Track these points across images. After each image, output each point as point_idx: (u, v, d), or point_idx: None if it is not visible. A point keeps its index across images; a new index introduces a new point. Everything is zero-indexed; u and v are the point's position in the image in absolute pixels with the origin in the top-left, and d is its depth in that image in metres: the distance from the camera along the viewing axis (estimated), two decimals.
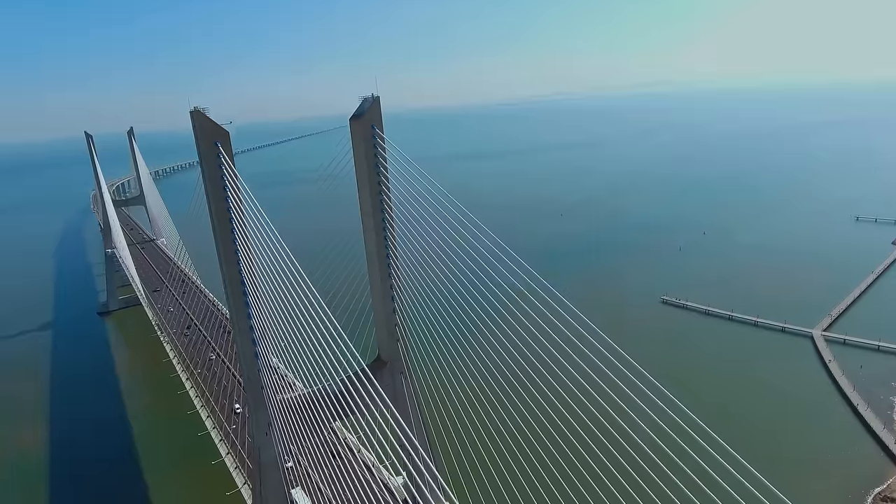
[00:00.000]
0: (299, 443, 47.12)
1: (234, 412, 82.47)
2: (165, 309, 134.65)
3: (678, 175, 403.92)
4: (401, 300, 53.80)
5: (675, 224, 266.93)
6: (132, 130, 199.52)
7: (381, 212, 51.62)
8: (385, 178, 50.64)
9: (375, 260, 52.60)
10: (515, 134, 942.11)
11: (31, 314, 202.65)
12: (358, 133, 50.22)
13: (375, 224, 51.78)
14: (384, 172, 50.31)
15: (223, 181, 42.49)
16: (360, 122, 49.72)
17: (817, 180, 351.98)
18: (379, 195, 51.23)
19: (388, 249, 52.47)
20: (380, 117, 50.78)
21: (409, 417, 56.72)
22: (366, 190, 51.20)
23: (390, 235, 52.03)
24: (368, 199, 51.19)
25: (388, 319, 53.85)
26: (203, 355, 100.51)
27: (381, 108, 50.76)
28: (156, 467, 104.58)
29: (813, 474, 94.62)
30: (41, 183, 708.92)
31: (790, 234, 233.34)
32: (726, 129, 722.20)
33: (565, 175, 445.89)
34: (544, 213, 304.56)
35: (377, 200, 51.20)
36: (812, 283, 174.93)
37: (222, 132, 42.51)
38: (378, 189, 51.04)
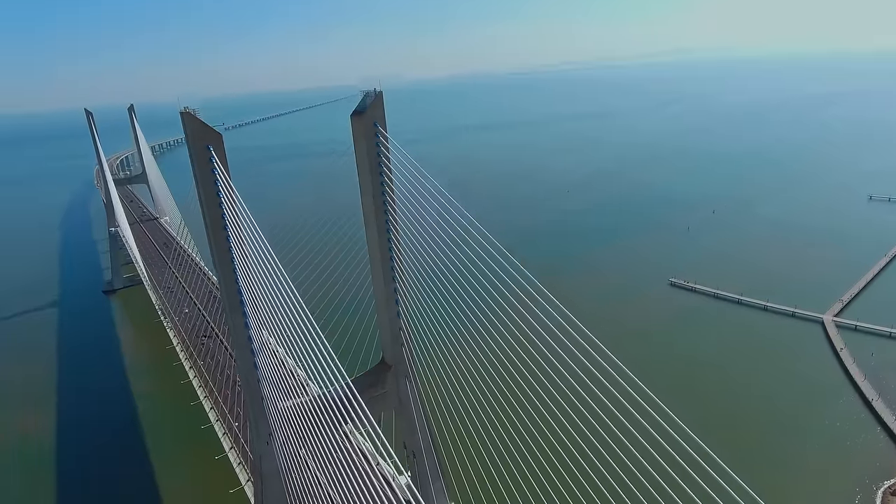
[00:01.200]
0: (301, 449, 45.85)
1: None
2: (168, 290, 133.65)
3: (690, 148, 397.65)
4: (405, 304, 51.91)
5: (686, 200, 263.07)
6: (133, 108, 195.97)
7: (385, 213, 49.31)
8: (388, 179, 48.22)
9: (379, 263, 50.53)
10: (528, 104, 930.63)
11: (36, 291, 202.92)
12: (359, 130, 47.60)
13: (378, 226, 49.55)
14: (387, 173, 47.86)
15: (216, 186, 40.23)
16: (362, 119, 47.05)
17: (828, 156, 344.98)
18: (382, 196, 48.85)
19: (391, 252, 50.36)
20: (383, 114, 48.06)
21: (415, 421, 55.46)
22: (368, 190, 48.79)
23: (394, 238, 49.84)
24: (371, 200, 48.82)
25: (392, 323, 52.08)
26: (207, 344, 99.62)
27: (383, 104, 48.03)
28: (161, 450, 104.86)
29: (821, 466, 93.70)
30: (45, 154, 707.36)
31: (801, 213, 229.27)
32: (735, 100, 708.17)
33: (576, 147, 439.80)
34: (552, 189, 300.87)
35: (380, 202, 48.84)
36: (823, 266, 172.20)
37: (214, 135, 40.09)
38: (381, 190, 48.65)
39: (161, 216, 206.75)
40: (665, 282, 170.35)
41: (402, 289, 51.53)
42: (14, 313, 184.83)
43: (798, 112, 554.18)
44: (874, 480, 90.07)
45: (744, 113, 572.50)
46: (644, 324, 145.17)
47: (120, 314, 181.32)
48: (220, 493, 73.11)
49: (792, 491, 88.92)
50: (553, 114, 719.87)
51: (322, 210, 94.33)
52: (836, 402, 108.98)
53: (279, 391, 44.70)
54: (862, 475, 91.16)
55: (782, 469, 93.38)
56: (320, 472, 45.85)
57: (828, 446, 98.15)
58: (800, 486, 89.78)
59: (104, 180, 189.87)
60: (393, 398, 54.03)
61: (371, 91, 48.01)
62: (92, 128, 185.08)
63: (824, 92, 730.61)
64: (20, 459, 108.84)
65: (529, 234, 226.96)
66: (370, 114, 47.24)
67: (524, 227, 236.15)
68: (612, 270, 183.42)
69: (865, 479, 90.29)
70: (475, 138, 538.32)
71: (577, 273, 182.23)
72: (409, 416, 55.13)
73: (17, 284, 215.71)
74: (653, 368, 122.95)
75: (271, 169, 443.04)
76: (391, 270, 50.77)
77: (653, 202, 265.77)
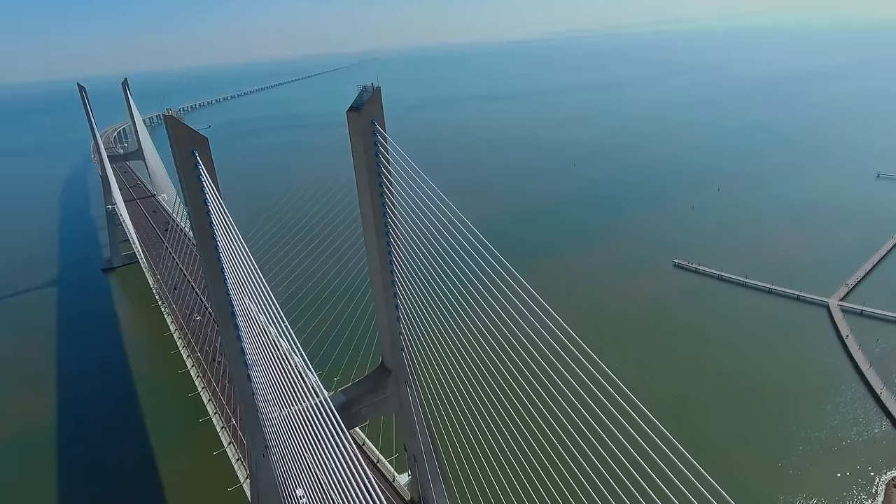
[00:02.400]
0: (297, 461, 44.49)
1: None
2: (165, 270, 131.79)
3: (697, 121, 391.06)
4: (405, 308, 49.96)
5: (692, 174, 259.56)
6: (126, 83, 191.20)
7: (384, 215, 46.97)
8: (387, 179, 45.72)
9: (377, 267, 48.41)
10: (533, 73, 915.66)
11: (35, 267, 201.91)
12: (356, 128, 44.90)
13: (377, 228, 47.25)
14: (386, 173, 45.33)
15: (204, 194, 37.79)
16: (359, 115, 44.29)
17: (838, 130, 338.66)
18: (380, 197, 46.42)
19: (391, 256, 48.18)
20: (381, 110, 45.28)
21: (415, 425, 54.13)
22: (365, 190, 46.35)
23: (394, 241, 47.60)
24: (368, 200, 46.42)
25: (391, 327, 50.24)
26: (204, 332, 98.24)
27: (382, 100, 45.21)
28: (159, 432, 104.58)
29: (822, 457, 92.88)
30: (41, 127, 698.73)
31: (808, 191, 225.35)
32: (744, 73, 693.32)
33: (586, 118, 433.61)
34: (556, 165, 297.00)
35: (378, 203, 46.43)
36: (829, 248, 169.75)
37: (200, 139, 37.46)
38: (379, 190, 46.19)
39: (158, 193, 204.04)
40: (669, 262, 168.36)
41: (401, 293, 49.53)
42: (13, 292, 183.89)
43: (807, 84, 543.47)
44: (878, 471, 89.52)
45: (753, 86, 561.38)
46: (647, 308, 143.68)
47: (119, 293, 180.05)
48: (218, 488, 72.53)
49: (793, 482, 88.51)
50: (561, 84, 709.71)
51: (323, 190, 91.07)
52: (840, 391, 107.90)
53: (273, 403, 43.08)
54: (865, 466, 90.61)
55: (783, 458, 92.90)
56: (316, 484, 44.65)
57: (830, 436, 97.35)
58: (799, 479, 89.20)
59: (99, 157, 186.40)
60: (393, 403, 52.58)
61: (368, 86, 45.20)
62: (85, 103, 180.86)
63: (832, 64, 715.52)
64: (20, 437, 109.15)
65: (534, 209, 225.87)
66: (368, 110, 44.48)
67: (529, 203, 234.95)
68: (615, 250, 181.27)
69: (869, 470, 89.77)
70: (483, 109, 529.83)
71: (579, 252, 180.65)
72: (410, 420, 53.80)
73: (15, 259, 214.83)
74: (655, 356, 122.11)
75: (271, 140, 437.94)
76: (391, 274, 48.68)
77: (659, 177, 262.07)
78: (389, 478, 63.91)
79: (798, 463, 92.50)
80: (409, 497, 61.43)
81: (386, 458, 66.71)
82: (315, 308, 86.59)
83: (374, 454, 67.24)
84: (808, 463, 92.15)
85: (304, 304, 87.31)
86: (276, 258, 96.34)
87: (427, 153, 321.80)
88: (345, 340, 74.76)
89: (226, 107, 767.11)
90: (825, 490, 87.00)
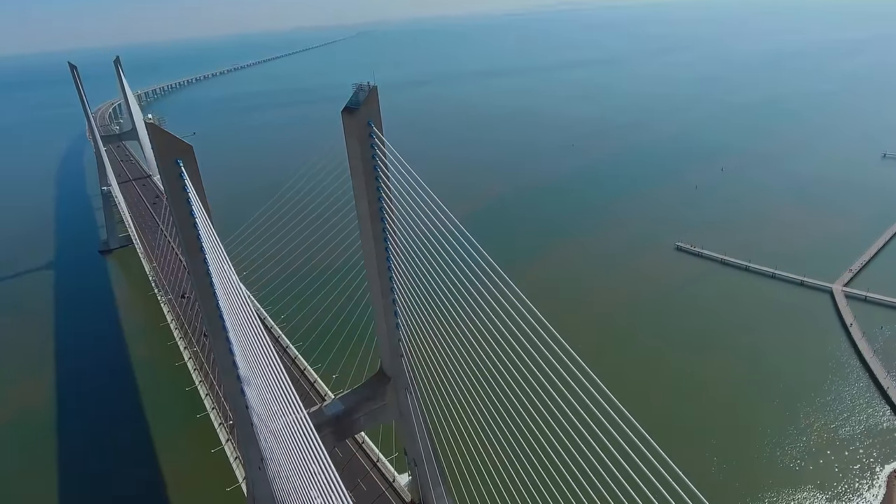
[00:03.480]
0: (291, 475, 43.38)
1: None
2: (161, 255, 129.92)
3: (704, 97, 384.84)
4: (405, 315, 48.31)
5: (696, 153, 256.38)
6: (119, 60, 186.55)
7: (381, 220, 44.98)
8: (385, 183, 43.58)
9: (375, 273, 46.62)
10: (532, 48, 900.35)
11: (32, 248, 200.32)
12: (352, 130, 42.59)
13: (375, 234, 45.32)
14: (384, 177, 43.18)
15: (190, 205, 35.74)
16: (355, 117, 41.94)
17: (848, 106, 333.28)
18: (378, 202, 44.37)
19: (389, 262, 46.34)
20: (378, 110, 42.87)
21: (415, 430, 52.99)
22: (362, 195, 44.27)
23: (392, 247, 45.70)
24: (366, 205, 44.38)
25: (390, 335, 48.68)
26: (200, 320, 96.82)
27: (378, 100, 42.82)
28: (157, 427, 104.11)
29: (824, 448, 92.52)
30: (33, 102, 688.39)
31: (812, 172, 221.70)
32: (752, 48, 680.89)
33: (588, 95, 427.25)
34: (558, 143, 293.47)
35: (375, 209, 44.40)
36: (833, 231, 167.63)
37: (184, 147, 35.20)
38: (377, 195, 44.11)
39: (154, 174, 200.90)
40: (671, 245, 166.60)
41: (400, 300, 47.82)
42: (12, 273, 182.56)
43: (818, 60, 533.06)
44: (880, 463, 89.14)
45: (759, 62, 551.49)
46: (649, 293, 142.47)
47: (116, 276, 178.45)
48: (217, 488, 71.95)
49: (794, 474, 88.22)
50: (560, 60, 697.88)
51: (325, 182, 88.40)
52: (844, 380, 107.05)
53: (267, 416, 41.74)
54: (868, 457, 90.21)
55: (785, 449, 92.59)
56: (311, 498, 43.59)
57: (833, 426, 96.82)
58: (799, 471, 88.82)
59: (94, 139, 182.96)
60: (393, 410, 51.37)
61: (364, 84, 42.75)
62: (77, 83, 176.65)
63: (848, 38, 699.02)
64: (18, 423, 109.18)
65: (535, 188, 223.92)
66: (364, 111, 42.09)
67: (531, 181, 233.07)
68: (615, 233, 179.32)
69: (871, 462, 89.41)
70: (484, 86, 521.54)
71: (580, 235, 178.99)
72: (410, 426, 52.63)
73: (12, 238, 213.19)
74: (657, 343, 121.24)
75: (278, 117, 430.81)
76: (389, 281, 46.92)
77: (663, 156, 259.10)
78: (389, 478, 63.12)
79: (799, 454, 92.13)
80: (410, 498, 60.75)
81: (386, 458, 65.87)
82: (311, 309, 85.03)
83: (373, 453, 66.40)
84: (809, 454, 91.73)
85: (302, 305, 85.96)
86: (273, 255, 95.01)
87: (429, 133, 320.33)
88: (341, 344, 73.61)
89: (223, 81, 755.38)
90: (827, 482, 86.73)
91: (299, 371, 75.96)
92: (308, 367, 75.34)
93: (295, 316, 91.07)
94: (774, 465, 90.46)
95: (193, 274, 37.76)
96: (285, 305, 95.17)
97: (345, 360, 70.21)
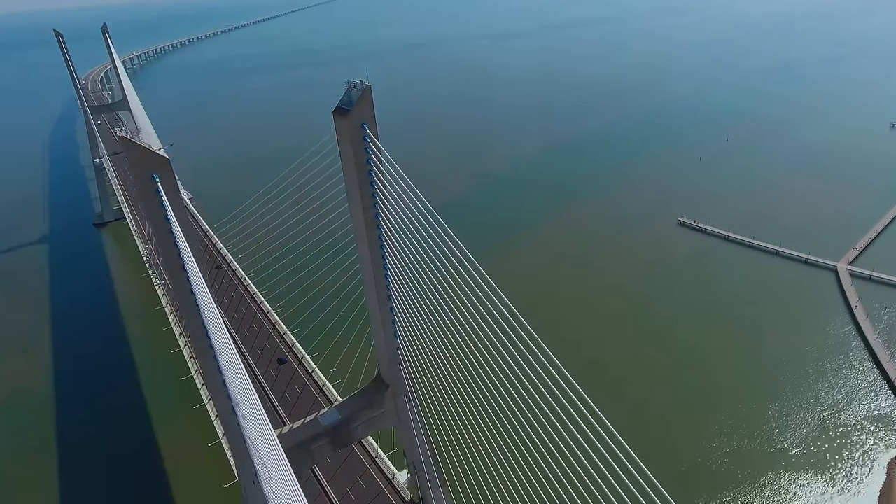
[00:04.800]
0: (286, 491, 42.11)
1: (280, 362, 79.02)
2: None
3: (714, 62, 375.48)
4: (402, 323, 46.31)
5: (702, 121, 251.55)
6: (106, 27, 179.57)
7: (377, 227, 42.51)
8: (381, 188, 40.90)
9: (371, 281, 44.43)
10: (539, 6, 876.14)
11: (26, 219, 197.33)
12: (344, 133, 39.68)
13: (370, 241, 42.93)
14: (380, 183, 40.51)
15: (169, 222, 33.25)
16: (348, 119, 38.96)
17: (861, 72, 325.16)
18: (374, 208, 41.79)
19: (386, 270, 44.08)
20: (372, 111, 39.82)
21: (414, 436, 51.77)
22: (357, 201, 41.62)
23: (389, 254, 43.36)
24: (360, 212, 41.82)
25: (388, 343, 46.84)
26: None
27: (373, 100, 39.78)
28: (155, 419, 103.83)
29: (824, 433, 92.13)
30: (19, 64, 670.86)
31: (819, 143, 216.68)
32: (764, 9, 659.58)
33: (600, 54, 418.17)
34: (572, 103, 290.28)
35: (371, 215, 41.85)
36: (839, 207, 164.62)
37: (160, 161, 32.53)
38: (372, 201, 41.50)
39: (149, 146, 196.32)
40: (674, 220, 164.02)
41: (398, 308, 45.75)
42: (5, 246, 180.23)
43: (830, 22, 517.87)
44: (881, 449, 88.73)
45: (771, 24, 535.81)
46: (650, 270, 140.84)
47: (112, 250, 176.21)
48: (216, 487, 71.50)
49: (794, 460, 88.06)
50: (570, 18, 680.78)
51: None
52: (847, 363, 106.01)
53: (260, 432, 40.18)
54: (869, 443, 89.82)
55: (784, 432, 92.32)
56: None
57: (834, 412, 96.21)
58: (798, 459, 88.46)
59: (83, 110, 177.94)
60: (391, 418, 50.01)
61: (357, 82, 39.62)
62: (64, 51, 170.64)
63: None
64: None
65: (542, 150, 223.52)
66: (357, 112, 39.08)
67: (538, 144, 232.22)
68: (619, 205, 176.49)
69: (872, 448, 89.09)
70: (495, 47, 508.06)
71: (587, 203, 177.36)
72: (409, 431, 51.36)
73: (4, 206, 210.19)
74: (657, 325, 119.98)
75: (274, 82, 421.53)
76: (386, 289, 44.77)
77: (673, 120, 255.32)
78: (389, 475, 62.40)
79: (799, 438, 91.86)
80: (410, 497, 60.14)
81: (385, 453, 65.06)
82: (312, 315, 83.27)
83: (373, 449, 65.59)
84: (808, 438, 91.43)
85: (301, 310, 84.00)
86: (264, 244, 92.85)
87: (437, 94, 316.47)
88: (335, 347, 71.85)
89: (216, 43, 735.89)
90: (825, 467, 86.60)
91: (307, 373, 74.09)
92: (316, 370, 73.33)
93: (292, 320, 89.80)
94: (773, 448, 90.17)
95: (177, 293, 35.61)
96: (284, 306, 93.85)
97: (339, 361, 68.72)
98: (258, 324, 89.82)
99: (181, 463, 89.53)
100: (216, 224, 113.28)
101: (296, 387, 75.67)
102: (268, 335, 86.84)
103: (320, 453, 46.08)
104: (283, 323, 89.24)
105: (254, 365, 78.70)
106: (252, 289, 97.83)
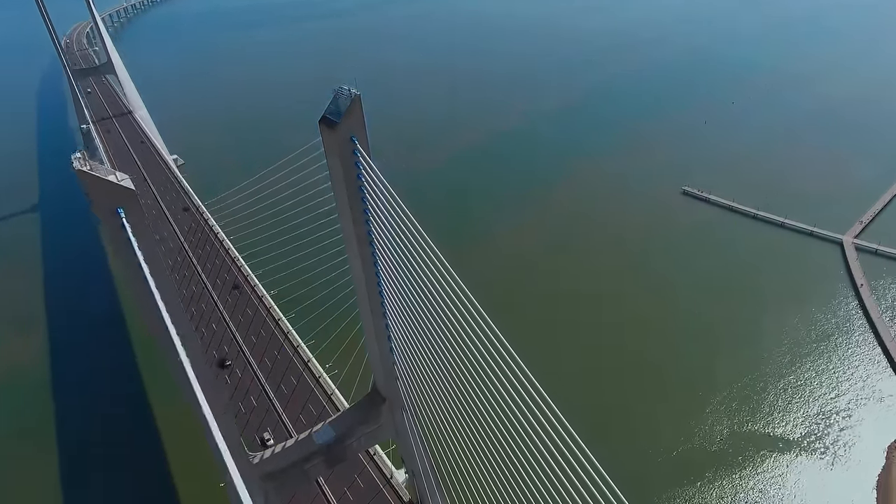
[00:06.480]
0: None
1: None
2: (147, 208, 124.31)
3: (736, 9, 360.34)
4: (398, 338, 44.17)
5: (709, 83, 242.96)
6: None
7: (370, 244, 39.79)
8: (372, 203, 37.87)
9: (365, 297, 42.07)
10: None
11: (13, 187, 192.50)
12: (332, 147, 36.42)
13: (363, 257, 40.29)
14: (371, 197, 37.47)
15: (138, 258, 30.45)
16: (335, 132, 35.60)
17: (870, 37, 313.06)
18: (365, 224, 38.94)
19: (380, 286, 41.62)
20: (362, 121, 36.44)
21: (412, 447, 50.54)
22: (347, 216, 38.79)
23: (383, 269, 40.77)
24: (351, 227, 39.03)
25: (384, 358, 44.88)
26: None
27: (362, 109, 36.30)
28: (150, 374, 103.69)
29: (823, 415, 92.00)
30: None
31: (827, 107, 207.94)
32: None
33: (599, 9, 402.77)
34: (576, 57, 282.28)
35: (363, 231, 39.05)
36: (846, 175, 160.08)
37: (125, 194, 29.46)
38: (364, 217, 38.62)
39: (135, 110, 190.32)
40: (677, 189, 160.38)
41: (393, 323, 43.53)
42: None
43: None
44: (880, 433, 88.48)
45: None
46: (652, 242, 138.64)
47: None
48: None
49: (793, 445, 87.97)
50: None
51: None
52: (851, 346, 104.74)
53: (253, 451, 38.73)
54: (868, 430, 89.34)
55: (784, 413, 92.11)
56: None
57: (836, 394, 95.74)
58: (797, 446, 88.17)
59: (66, 75, 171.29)
60: (389, 430, 48.69)
61: (346, 90, 36.07)
62: (42, 11, 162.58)
63: None
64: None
65: (547, 107, 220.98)
66: (345, 124, 35.71)
67: (543, 99, 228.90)
68: (621, 173, 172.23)
69: (871, 435, 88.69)
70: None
71: (588, 171, 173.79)
72: (407, 443, 50.09)
73: None
74: (657, 299, 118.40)
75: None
76: (381, 306, 42.43)
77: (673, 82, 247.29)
78: (387, 473, 61.69)
79: (798, 420, 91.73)
80: (408, 498, 59.58)
81: (383, 451, 64.23)
82: (307, 316, 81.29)
83: (371, 447, 64.75)
84: (807, 420, 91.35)
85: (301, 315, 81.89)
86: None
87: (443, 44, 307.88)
88: (327, 348, 69.95)
89: None
90: (826, 451, 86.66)
91: (314, 378, 71.67)
92: (323, 375, 71.08)
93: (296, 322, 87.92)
94: (772, 429, 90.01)
95: (153, 330, 33.26)
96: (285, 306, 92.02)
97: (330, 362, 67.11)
98: (267, 330, 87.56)
99: (179, 441, 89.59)
100: (219, 221, 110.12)
101: (289, 379, 74.37)
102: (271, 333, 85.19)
103: (315, 472, 44.85)
104: (286, 322, 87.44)
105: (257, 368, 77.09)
106: (268, 301, 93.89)
